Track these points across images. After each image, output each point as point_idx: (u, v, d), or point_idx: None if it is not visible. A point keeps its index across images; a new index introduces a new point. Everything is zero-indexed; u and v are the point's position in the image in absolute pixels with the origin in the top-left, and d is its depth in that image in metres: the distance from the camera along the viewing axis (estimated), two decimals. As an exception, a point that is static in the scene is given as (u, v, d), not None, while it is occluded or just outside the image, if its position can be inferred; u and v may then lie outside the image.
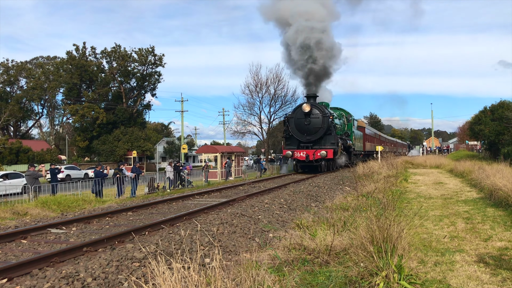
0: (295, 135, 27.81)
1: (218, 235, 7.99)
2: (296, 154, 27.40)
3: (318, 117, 27.27)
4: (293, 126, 27.82)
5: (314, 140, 27.46)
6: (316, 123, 27.24)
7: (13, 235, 8.52)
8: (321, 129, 27.19)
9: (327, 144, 27.42)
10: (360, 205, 10.38)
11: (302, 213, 11.19)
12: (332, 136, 27.50)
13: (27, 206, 14.26)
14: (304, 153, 27.09)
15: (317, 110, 27.42)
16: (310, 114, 27.22)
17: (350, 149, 33.42)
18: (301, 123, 27.55)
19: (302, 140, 27.69)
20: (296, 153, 27.42)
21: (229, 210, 10.72)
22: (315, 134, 27.35)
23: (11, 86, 69.44)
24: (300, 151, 27.40)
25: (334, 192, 16.93)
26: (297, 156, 27.31)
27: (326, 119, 27.12)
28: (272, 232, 8.88)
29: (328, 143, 27.42)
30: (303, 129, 27.49)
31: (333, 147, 27.27)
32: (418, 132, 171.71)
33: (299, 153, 27.33)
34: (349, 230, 7.26)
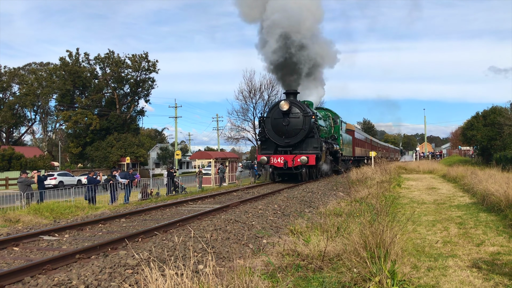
0: (272, 137, 24.12)
1: (212, 241, 7.97)
2: (273, 160, 23.53)
3: (298, 116, 23.63)
4: (270, 128, 24.21)
5: (294, 143, 23.87)
6: (296, 124, 23.65)
7: (5, 243, 8.45)
8: (302, 130, 23.63)
9: (309, 149, 23.86)
10: (354, 210, 10.41)
11: (296, 219, 11.19)
12: (315, 139, 23.96)
13: (19, 213, 14.16)
14: (282, 158, 23.35)
15: (297, 108, 23.78)
16: (289, 113, 23.56)
17: (337, 154, 30.73)
18: (278, 124, 23.88)
19: (280, 143, 24.05)
20: (273, 159, 23.55)
21: (223, 216, 10.70)
22: (295, 136, 23.76)
23: (4, 92, 69.10)
24: (277, 156, 23.60)
25: (328, 197, 16.95)
26: (274, 163, 23.51)
27: (308, 119, 23.50)
28: (266, 238, 8.87)
29: (310, 147, 23.87)
30: (281, 131, 23.90)
31: (316, 152, 23.71)
32: (411, 137, 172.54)
33: (276, 158, 23.48)
34: (343, 235, 7.27)
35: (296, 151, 23.74)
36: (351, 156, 38.88)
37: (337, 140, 30.92)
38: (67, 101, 62.12)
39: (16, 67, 69.32)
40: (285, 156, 23.47)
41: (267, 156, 23.58)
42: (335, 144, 29.86)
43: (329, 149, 27.36)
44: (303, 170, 23.54)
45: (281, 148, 24.04)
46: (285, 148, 23.89)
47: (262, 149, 24.86)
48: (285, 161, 23.22)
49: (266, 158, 23.41)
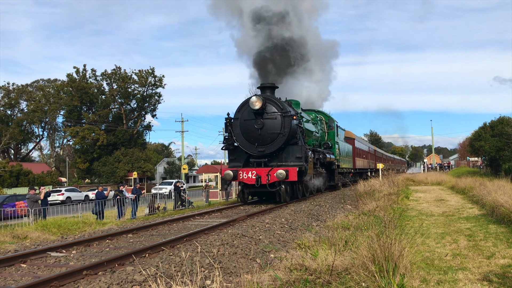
0: (242, 145, 18.76)
1: (219, 256, 7.94)
2: (242, 175, 18.02)
3: (275, 117, 18.20)
4: (238, 132, 18.73)
5: (270, 152, 18.39)
6: (273, 127, 18.19)
7: (13, 259, 8.46)
8: (281, 136, 18.10)
9: (291, 159, 18.45)
10: (362, 223, 10.33)
11: (303, 233, 11.13)
12: (299, 146, 18.53)
13: (27, 229, 14.19)
14: (254, 173, 17.87)
15: (273, 106, 18.32)
16: (262, 113, 18.19)
17: (332, 166, 25.61)
18: (249, 128, 18.43)
19: (252, 153, 18.58)
20: (242, 174, 18.03)
21: (230, 231, 10.66)
22: (272, 144, 18.26)
23: (12, 109, 69.75)
24: (247, 170, 18.10)
25: (335, 210, 16.87)
26: (243, 178, 18.05)
27: (288, 121, 18.09)
28: (273, 252, 8.82)
29: (292, 157, 18.47)
30: (253, 137, 18.38)
31: (299, 163, 18.20)
32: (418, 149, 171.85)
33: (245, 173, 18.00)
34: (351, 249, 7.21)
35: (274, 162, 18.43)
36: (351, 168, 34.09)
37: (333, 149, 25.99)
38: (74, 117, 62.63)
39: (24, 84, 70.04)
40: (258, 169, 18.08)
41: (234, 170, 18.34)
42: (330, 153, 24.76)
43: (321, 160, 22.26)
44: (282, 187, 17.91)
45: (254, 159, 18.76)
46: (259, 159, 18.60)
47: (230, 160, 19.68)
48: (258, 176, 17.76)
49: (231, 172, 18.05)
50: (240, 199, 20.01)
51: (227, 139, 19.34)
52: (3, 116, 66.87)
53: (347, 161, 31.39)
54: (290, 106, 19.96)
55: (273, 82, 19.71)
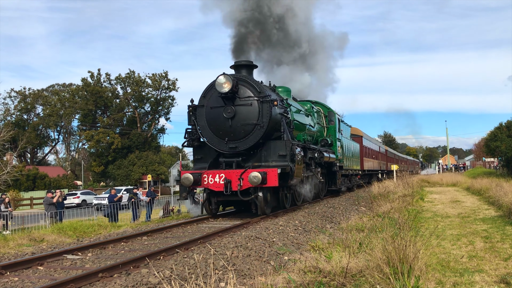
0: (209, 140, 14.74)
1: (233, 258, 7.96)
2: (207, 179, 14.06)
3: (250, 103, 14.17)
4: (204, 124, 14.68)
5: (245, 150, 14.42)
6: (247, 116, 14.19)
7: (30, 262, 8.58)
8: (258, 127, 14.11)
9: (273, 158, 14.49)
10: (376, 225, 10.28)
11: (317, 235, 11.11)
12: (283, 142, 14.46)
13: (44, 232, 14.38)
14: (222, 176, 13.90)
15: (248, 89, 14.30)
16: (234, 97, 14.10)
17: (333, 166, 21.53)
18: (217, 117, 14.40)
19: (222, 150, 14.60)
20: (207, 178, 14.06)
21: (244, 233, 10.68)
22: (246, 138, 14.26)
23: (28, 114, 70.69)
24: (214, 172, 14.09)
25: (350, 212, 16.79)
26: (208, 184, 14.07)
27: (268, 108, 14.06)
28: (287, 254, 8.82)
29: (273, 155, 14.51)
30: (222, 129, 14.37)
31: (282, 163, 14.23)
32: (433, 149, 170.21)
33: (212, 176, 14.02)
34: (365, 251, 7.18)
35: (250, 162, 14.56)
36: (359, 170, 30.10)
37: (333, 147, 21.74)
38: (89, 121, 63.29)
39: (40, 89, 70.91)
40: (228, 172, 14.03)
41: (197, 173, 14.17)
42: (329, 152, 20.47)
43: (316, 159, 17.94)
44: (259, 195, 13.82)
45: (224, 158, 14.76)
46: (231, 158, 14.61)
47: (195, 160, 15.74)
48: (227, 181, 13.73)
49: (191, 176, 13.98)
50: (206, 211, 15.58)
51: (191, 133, 15.35)
52: (20, 120, 67.80)
53: (353, 162, 27.43)
54: (274, 91, 15.80)
55: (250, 61, 15.53)
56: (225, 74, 13.78)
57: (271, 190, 14.48)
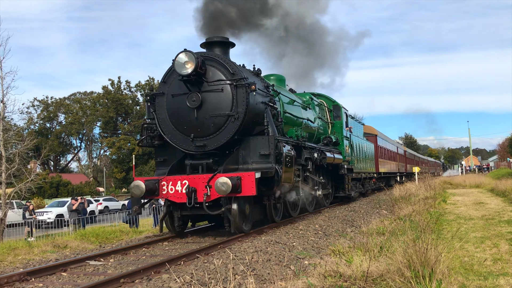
0: (171, 137, 11.74)
1: (253, 263, 7.97)
2: (166, 187, 11.18)
3: (221, 88, 11.21)
4: (165, 117, 11.81)
5: (216, 148, 11.48)
6: (217, 105, 11.26)
7: (54, 268, 8.73)
8: (232, 119, 11.19)
9: (252, 158, 11.47)
10: (397, 228, 10.17)
11: (338, 239, 11.04)
12: (265, 138, 11.47)
13: (67, 238, 14.61)
14: (185, 183, 10.94)
15: (218, 70, 11.32)
16: (200, 82, 11.18)
17: (340, 169, 18.84)
18: (180, 108, 11.51)
19: (187, 149, 11.65)
20: (166, 186, 11.17)
21: (263, 238, 10.68)
22: (217, 134, 11.36)
23: (51, 122, 72.06)
24: (175, 179, 11.17)
25: (371, 216, 16.65)
26: (168, 193, 11.16)
27: (244, 94, 11.14)
28: (307, 259, 8.79)
29: (253, 155, 11.47)
30: (187, 123, 11.48)
31: (263, 165, 11.29)
32: (455, 151, 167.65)
33: (172, 184, 11.13)
34: (386, 255, 7.12)
35: (224, 165, 11.24)
36: (373, 173, 27.02)
37: (340, 147, 19.00)
38: (110, 128, 64.23)
39: (62, 98, 72.27)
40: (192, 178, 10.97)
41: (153, 180, 11.20)
42: (334, 152, 17.69)
43: (316, 160, 15.28)
44: (233, 208, 10.73)
45: (191, 160, 11.70)
46: (200, 160, 11.61)
47: (157, 164, 12.69)
48: (191, 190, 10.69)
49: (142, 184, 10.91)
50: (168, 229, 12.29)
51: (149, 129, 12.25)
52: (43, 129, 69.17)
53: (366, 164, 24.48)
54: (257, 75, 12.60)
55: (226, 37, 12.28)
56: (186, 51, 10.61)
57: (251, 200, 11.46)
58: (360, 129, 25.48)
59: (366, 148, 25.24)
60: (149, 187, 11.02)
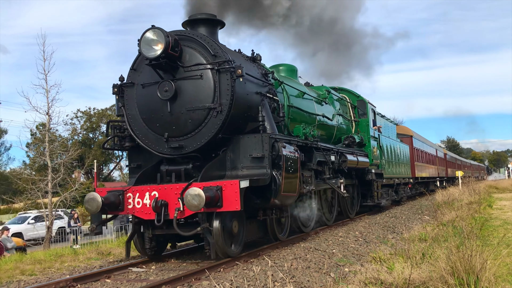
0: (142, 138, 9.45)
1: (292, 270, 7.95)
2: (132, 200, 8.78)
3: (200, 74, 8.89)
4: (135, 112, 9.49)
5: (195, 151, 9.11)
6: (196, 95, 8.97)
7: (98, 275, 8.96)
8: (214, 114, 8.85)
9: (243, 162, 9.22)
10: (440, 234, 9.92)
11: (378, 246, 10.87)
12: (257, 137, 9.19)
13: (110, 246, 14.97)
14: (154, 195, 8.56)
15: (197, 52, 9.03)
16: (174, 66, 8.92)
17: (367, 174, 16.45)
18: (152, 100, 9.22)
19: (161, 152, 9.33)
20: (132, 198, 8.79)
21: (302, 245, 10.65)
22: (196, 132, 9.05)
23: (94, 132, 74.21)
24: (143, 190, 8.75)
25: (412, 222, 16.30)
26: (134, 208, 8.79)
27: (228, 80, 8.85)
28: (348, 266, 8.69)
29: (243, 158, 9.22)
30: (160, 118, 9.22)
31: (256, 170, 9.06)
32: (501, 154, 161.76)
33: (139, 196, 8.74)
34: (428, 262, 6.96)
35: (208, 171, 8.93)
36: (409, 178, 24.46)
37: (366, 148, 16.82)
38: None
39: (104, 108, 74.29)
40: (162, 188, 8.69)
41: (116, 191, 9.03)
42: (358, 154, 15.42)
43: (333, 165, 13.06)
44: (215, 226, 8.43)
45: (168, 165, 9.55)
46: (177, 165, 9.44)
47: (130, 171, 10.44)
48: (162, 203, 8.47)
49: (98, 197, 8.62)
50: (139, 251, 10.05)
51: (118, 128, 9.95)
52: (86, 139, 71.31)
53: (399, 168, 22.04)
54: (254, 61, 10.45)
55: (213, 14, 10.06)
56: (154, 28, 8.43)
57: (241, 215, 9.03)
58: (392, 129, 22.89)
59: (399, 150, 22.52)
60: (109, 200, 8.72)
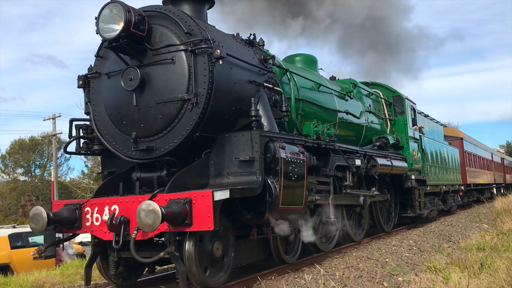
0: (109, 138, 7.59)
1: (344, 279, 7.87)
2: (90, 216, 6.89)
3: (171, 57, 6.98)
4: (102, 108, 7.64)
5: (168, 154, 7.11)
6: (168, 84, 7.03)
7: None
8: (189, 106, 6.88)
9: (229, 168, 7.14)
10: (500, 244, 9.51)
11: (434, 255, 10.55)
12: (246, 135, 7.10)
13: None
14: (115, 210, 6.62)
15: (169, 30, 7.13)
16: (140, 50, 7.12)
17: (405, 181, 14.20)
18: (117, 93, 7.39)
19: (128, 155, 7.39)
20: (90, 214, 6.89)
21: (354, 253, 10.51)
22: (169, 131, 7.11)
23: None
24: (102, 203, 6.80)
25: (470, 230, 15.70)
26: (92, 226, 6.87)
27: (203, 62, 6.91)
28: (401, 275, 8.49)
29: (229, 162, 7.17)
30: (126, 115, 7.34)
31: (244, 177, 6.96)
32: None
33: (98, 211, 6.80)
34: (487, 272, 6.71)
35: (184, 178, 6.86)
36: (459, 185, 21.97)
37: (404, 151, 14.75)
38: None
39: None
40: (123, 201, 6.65)
41: (72, 204, 7.14)
42: (394, 158, 13.27)
43: (355, 169, 10.53)
44: (187, 249, 6.28)
45: (141, 172, 7.50)
46: (151, 172, 7.40)
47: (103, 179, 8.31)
48: (122, 220, 6.46)
49: (44, 213, 6.62)
50: (104, 277, 7.93)
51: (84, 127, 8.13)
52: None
53: (447, 173, 19.89)
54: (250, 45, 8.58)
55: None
56: (114, 2, 6.77)
57: (225, 234, 7.12)
58: (438, 131, 20.79)
59: (446, 154, 20.29)
60: (61, 216, 6.92)
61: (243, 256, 7.98)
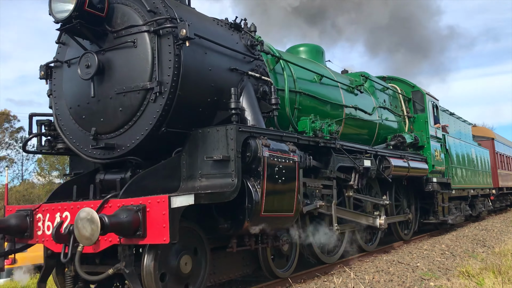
0: (69, 135, 6.51)
1: (374, 283, 7.81)
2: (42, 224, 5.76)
3: (133, 40, 5.90)
4: (63, 103, 6.56)
5: (130, 152, 5.99)
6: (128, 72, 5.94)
7: None
8: (152, 96, 5.76)
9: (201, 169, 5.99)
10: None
11: (467, 260, 10.34)
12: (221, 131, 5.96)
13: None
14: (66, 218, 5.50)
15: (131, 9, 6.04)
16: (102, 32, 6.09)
17: (426, 184, 12.88)
18: (76, 83, 6.33)
19: (87, 154, 6.33)
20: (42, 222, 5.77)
21: (385, 257, 10.39)
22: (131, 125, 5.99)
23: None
24: (54, 209, 5.66)
25: (505, 235, 15.31)
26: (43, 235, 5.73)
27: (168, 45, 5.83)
28: (433, 280, 8.36)
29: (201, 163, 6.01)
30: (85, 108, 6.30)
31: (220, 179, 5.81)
32: None
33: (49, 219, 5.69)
34: (523, 278, 6.55)
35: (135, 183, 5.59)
36: (490, 188, 20.46)
37: (425, 151, 13.36)
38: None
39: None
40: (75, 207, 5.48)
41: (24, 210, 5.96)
42: (412, 158, 11.83)
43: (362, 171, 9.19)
44: (145, 264, 5.19)
45: (106, 174, 6.41)
46: (115, 173, 6.33)
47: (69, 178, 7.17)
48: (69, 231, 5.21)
49: None
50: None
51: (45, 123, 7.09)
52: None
53: (476, 176, 18.38)
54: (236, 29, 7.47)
55: None
56: None
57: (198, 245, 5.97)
58: (466, 130, 19.32)
59: (475, 155, 18.73)
60: (8, 224, 5.92)
61: (224, 271, 6.70)
